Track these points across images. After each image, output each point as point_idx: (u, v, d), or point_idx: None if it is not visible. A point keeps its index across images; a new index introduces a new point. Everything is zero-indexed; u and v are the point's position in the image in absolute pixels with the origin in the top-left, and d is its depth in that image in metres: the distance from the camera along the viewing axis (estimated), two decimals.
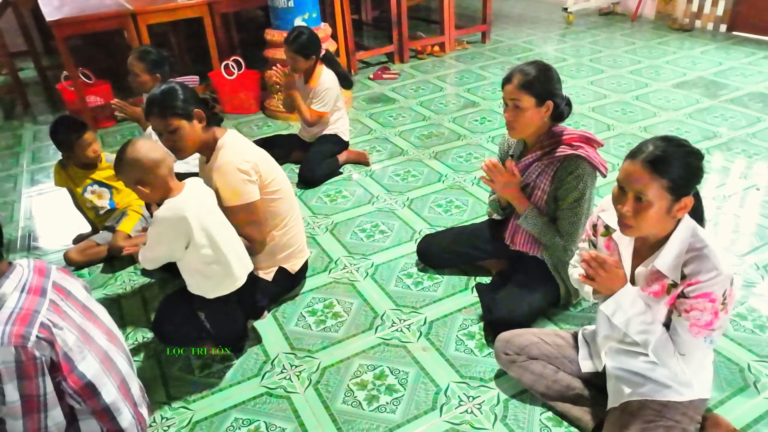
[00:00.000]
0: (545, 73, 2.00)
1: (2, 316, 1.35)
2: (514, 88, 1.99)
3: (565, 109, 2.06)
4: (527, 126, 2.03)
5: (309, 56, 3.25)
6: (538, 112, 2.00)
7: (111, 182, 2.78)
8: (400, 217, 2.94)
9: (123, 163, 1.78)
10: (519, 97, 1.98)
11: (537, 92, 1.97)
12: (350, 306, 2.34)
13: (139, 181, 1.79)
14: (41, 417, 1.41)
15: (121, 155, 1.78)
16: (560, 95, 2.03)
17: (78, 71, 4.19)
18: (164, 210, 1.79)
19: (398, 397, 1.91)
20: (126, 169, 1.78)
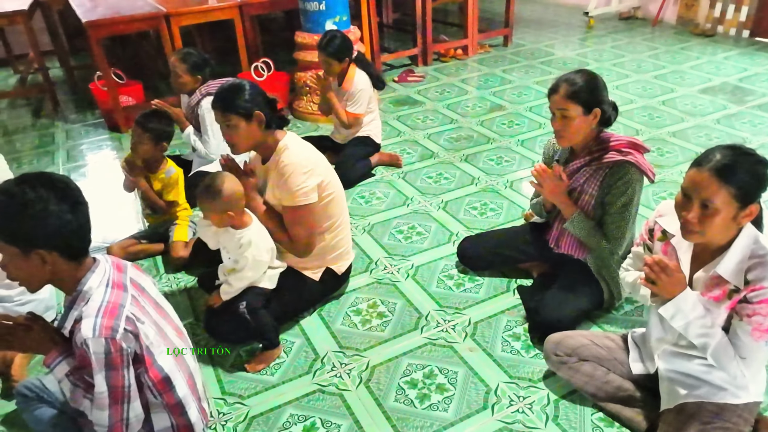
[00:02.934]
0: (591, 81, 2.04)
1: (92, 309, 1.40)
2: (561, 98, 2.03)
3: (612, 114, 2.10)
4: (576, 134, 2.07)
5: (342, 59, 3.30)
6: (586, 120, 2.04)
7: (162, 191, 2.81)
8: (436, 219, 2.98)
9: (218, 195, 1.98)
10: (566, 106, 2.02)
11: (584, 101, 2.01)
12: (394, 306, 2.39)
13: (227, 210, 1.99)
14: (124, 408, 1.45)
15: (217, 188, 1.98)
16: (607, 102, 2.07)
17: (110, 71, 4.25)
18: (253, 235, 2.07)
19: (449, 396, 1.95)
20: (219, 199, 1.99)
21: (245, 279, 2.06)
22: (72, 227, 1.42)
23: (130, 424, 1.49)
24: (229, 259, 2.09)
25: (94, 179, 3.77)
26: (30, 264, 1.41)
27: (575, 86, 2.02)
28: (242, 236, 2.03)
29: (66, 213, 1.40)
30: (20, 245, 1.38)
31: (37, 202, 1.37)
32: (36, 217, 1.36)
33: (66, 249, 1.43)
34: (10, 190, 1.38)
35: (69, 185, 1.46)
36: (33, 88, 5.43)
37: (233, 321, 2.12)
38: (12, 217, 1.36)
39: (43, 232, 1.38)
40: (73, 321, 1.45)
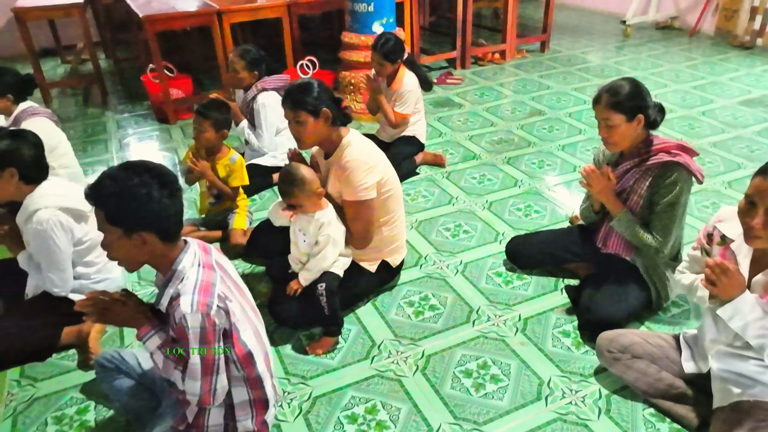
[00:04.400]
0: (632, 89, 2.12)
1: (188, 287, 1.52)
2: (603, 108, 2.13)
3: (658, 116, 2.17)
4: (622, 141, 2.16)
5: (395, 61, 3.40)
6: (630, 126, 2.12)
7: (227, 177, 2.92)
8: (482, 219, 3.07)
9: (305, 182, 2.13)
10: (609, 116, 2.12)
11: (626, 109, 2.10)
12: (445, 299, 2.48)
13: (314, 192, 2.12)
14: (213, 379, 1.56)
15: (302, 176, 2.13)
16: (649, 106, 2.13)
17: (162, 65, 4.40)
18: (332, 216, 2.23)
19: (503, 386, 2.03)
20: (307, 185, 2.13)
21: (325, 259, 2.18)
22: (170, 211, 1.54)
23: (216, 395, 1.60)
24: (304, 242, 2.19)
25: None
26: (131, 245, 1.52)
27: (617, 96, 2.10)
28: (321, 216, 2.15)
29: (165, 198, 1.51)
30: (124, 227, 1.49)
31: (141, 187, 1.48)
32: (140, 201, 1.47)
33: (164, 231, 1.54)
34: (117, 176, 1.50)
35: (168, 173, 1.57)
36: (83, 77, 5.61)
37: (301, 305, 2.24)
38: (118, 200, 1.48)
39: (145, 215, 1.49)
40: (169, 298, 1.56)
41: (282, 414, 1.95)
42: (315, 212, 2.20)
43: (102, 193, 1.48)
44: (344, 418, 1.93)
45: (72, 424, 1.96)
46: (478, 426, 1.88)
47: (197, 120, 2.81)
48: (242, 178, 2.89)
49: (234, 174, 2.87)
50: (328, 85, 2.33)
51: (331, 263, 2.23)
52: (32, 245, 2.16)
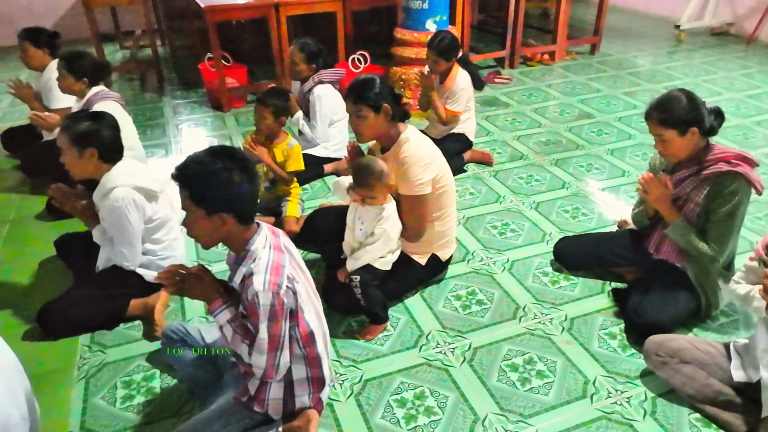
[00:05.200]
0: (682, 103, 2.12)
1: (261, 267, 1.62)
2: (653, 125, 2.17)
3: (714, 122, 2.16)
4: (678, 153, 2.19)
5: (450, 59, 3.45)
6: (684, 140, 2.14)
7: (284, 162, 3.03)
8: (529, 219, 3.10)
9: (383, 174, 2.18)
10: (660, 132, 2.15)
11: (677, 124, 2.12)
12: (492, 295, 2.53)
13: (386, 187, 2.19)
14: (278, 355, 1.66)
15: (380, 168, 2.18)
16: (702, 118, 2.13)
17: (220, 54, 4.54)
18: (392, 212, 2.29)
19: (549, 382, 2.08)
20: (384, 177, 2.18)
21: (374, 252, 2.25)
22: (248, 195, 1.64)
23: (279, 370, 1.70)
24: (360, 230, 2.28)
25: None
26: (211, 224, 1.62)
27: (666, 112, 2.12)
28: (383, 209, 2.22)
29: (245, 182, 1.61)
30: (206, 207, 1.60)
31: (225, 172, 1.58)
32: (223, 183, 1.58)
33: (241, 213, 1.64)
34: (203, 160, 1.60)
35: (247, 159, 1.67)
36: (141, 63, 5.82)
37: (348, 293, 2.32)
38: (204, 182, 1.58)
39: (226, 197, 1.59)
40: (241, 276, 1.66)
41: (335, 394, 2.04)
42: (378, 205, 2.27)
43: (188, 175, 1.59)
44: (394, 401, 2.01)
45: (139, 389, 2.09)
46: (523, 418, 1.94)
47: (258, 107, 2.92)
48: (298, 163, 2.99)
49: (291, 159, 2.97)
50: None
51: (377, 257, 2.30)
52: (107, 221, 2.30)
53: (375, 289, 2.30)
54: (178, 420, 1.95)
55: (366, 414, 1.97)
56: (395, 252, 2.36)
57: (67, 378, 2.13)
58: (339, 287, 2.35)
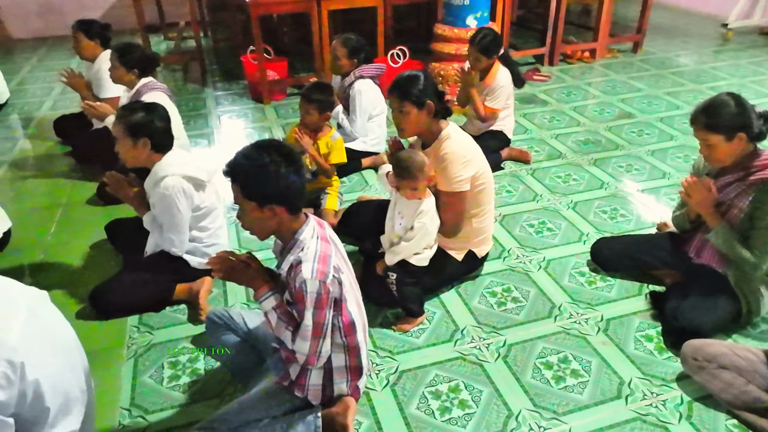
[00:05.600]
0: (730, 107, 2.09)
1: (309, 256, 1.67)
2: (699, 129, 2.14)
3: (764, 128, 2.12)
4: (725, 158, 2.16)
5: (491, 56, 3.45)
6: (731, 145, 2.11)
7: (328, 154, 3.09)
8: (566, 218, 3.10)
9: (423, 166, 2.20)
10: (706, 137, 2.12)
11: (724, 129, 2.08)
12: (527, 293, 2.55)
13: (426, 179, 2.21)
14: (320, 342, 1.72)
15: (421, 161, 2.21)
16: (750, 123, 2.09)
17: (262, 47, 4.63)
18: (431, 206, 2.31)
19: (583, 381, 2.10)
20: (425, 170, 2.21)
21: (412, 246, 2.29)
22: (296, 186, 1.69)
23: (320, 357, 1.76)
24: (400, 224, 2.32)
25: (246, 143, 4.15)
26: (263, 216, 1.69)
27: (713, 117, 2.10)
28: (423, 204, 2.26)
29: (292, 174, 1.67)
30: (257, 200, 1.66)
31: (272, 165, 1.64)
32: (272, 177, 1.64)
33: (290, 204, 1.70)
34: (252, 155, 1.66)
35: (293, 151, 1.73)
36: (185, 54, 5.96)
37: (384, 286, 2.37)
38: (253, 177, 1.64)
39: (276, 189, 1.65)
40: (289, 264, 1.72)
41: (371, 383, 2.10)
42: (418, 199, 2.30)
43: (238, 171, 1.66)
44: (429, 393, 2.06)
45: (185, 370, 2.18)
46: (557, 416, 1.96)
47: (303, 103, 2.98)
48: (341, 155, 3.05)
49: (334, 151, 3.03)
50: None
51: (415, 251, 2.33)
52: (157, 208, 2.40)
53: (410, 286, 2.34)
54: (221, 401, 2.04)
55: (401, 404, 2.02)
56: (432, 248, 2.40)
57: (117, 356, 2.24)
58: (376, 280, 2.40)
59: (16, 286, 1.62)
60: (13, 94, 5.05)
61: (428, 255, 2.37)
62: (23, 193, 3.50)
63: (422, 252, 2.36)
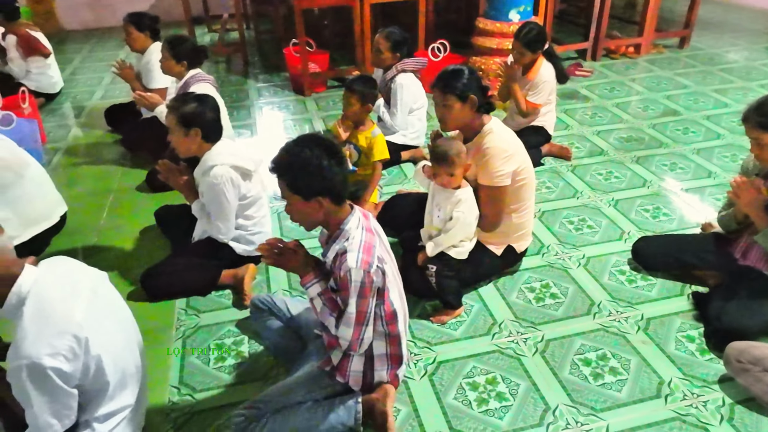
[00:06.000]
0: None
1: (354, 245, 1.72)
2: (751, 128, 2.11)
3: None
4: None
5: (536, 51, 3.43)
6: None
7: (363, 151, 3.14)
8: (607, 216, 3.07)
9: (460, 153, 2.24)
10: (758, 136, 2.10)
11: None
12: (566, 290, 2.55)
13: (463, 165, 2.25)
14: (363, 329, 1.77)
15: (459, 148, 2.25)
16: None
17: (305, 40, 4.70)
18: (469, 196, 2.33)
19: (621, 379, 2.09)
20: (462, 158, 2.25)
21: (453, 237, 2.32)
22: (339, 178, 1.74)
23: (362, 344, 1.81)
24: (438, 217, 2.35)
25: (287, 134, 4.24)
26: (309, 208, 1.74)
27: (765, 116, 2.06)
28: (460, 194, 2.29)
29: (335, 167, 1.71)
30: (303, 194, 1.71)
31: (314, 159, 1.68)
32: (315, 170, 1.68)
33: (335, 195, 1.75)
34: (294, 151, 1.71)
35: (333, 144, 1.77)
36: (228, 46, 6.09)
37: (423, 278, 2.41)
38: (297, 171, 1.69)
39: (319, 182, 1.70)
40: (335, 253, 1.77)
41: (409, 372, 2.14)
42: (455, 189, 2.33)
43: (283, 166, 1.71)
44: (466, 384, 2.09)
45: (230, 352, 2.27)
46: (594, 412, 1.97)
47: (346, 94, 3.03)
48: (383, 152, 3.09)
49: (376, 148, 3.07)
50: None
51: (456, 241, 2.36)
52: (206, 196, 2.48)
53: (449, 279, 2.37)
54: (264, 383, 2.11)
55: (439, 393, 2.06)
56: (472, 240, 2.42)
57: (166, 337, 2.34)
58: (415, 272, 2.43)
59: (80, 267, 1.72)
60: (65, 84, 5.25)
61: (467, 248, 2.40)
62: (77, 179, 3.66)
63: (461, 245, 2.38)
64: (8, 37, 4.59)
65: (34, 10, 7.04)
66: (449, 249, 2.37)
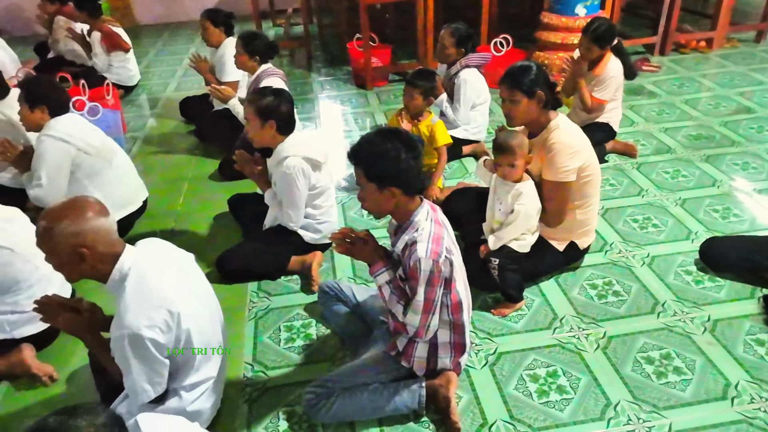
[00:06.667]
0: None
1: (424, 236, 1.80)
2: None
3: None
4: None
5: (604, 46, 3.39)
6: None
7: (426, 140, 3.20)
8: (673, 215, 3.02)
9: (523, 143, 2.31)
10: None
11: None
12: (630, 288, 2.54)
13: (524, 156, 2.31)
14: (429, 317, 1.85)
15: (521, 137, 2.31)
16: None
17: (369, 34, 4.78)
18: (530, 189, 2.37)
19: (686, 378, 2.08)
20: (523, 146, 2.31)
21: (515, 230, 2.35)
22: (415, 171, 1.81)
23: (428, 331, 1.89)
24: (500, 210, 2.40)
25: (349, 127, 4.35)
26: (383, 197, 1.82)
27: None
28: (521, 187, 2.33)
29: (411, 159, 1.79)
30: (378, 182, 1.80)
31: (393, 151, 1.76)
32: (393, 161, 1.76)
33: (408, 187, 1.82)
34: (375, 141, 1.80)
35: (412, 138, 1.85)
36: (293, 40, 6.26)
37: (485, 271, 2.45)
38: (375, 160, 1.78)
39: (396, 173, 1.78)
40: (404, 243, 1.85)
41: (470, 361, 2.20)
42: (516, 183, 2.36)
43: (362, 155, 1.80)
44: (527, 376, 2.13)
45: (299, 334, 2.40)
46: (657, 410, 1.97)
47: (408, 89, 3.10)
48: (445, 136, 3.14)
49: (437, 134, 3.12)
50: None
51: (518, 234, 2.39)
52: (278, 185, 2.61)
53: (512, 272, 2.41)
54: (332, 364, 2.23)
55: (500, 383, 2.11)
56: (534, 234, 2.45)
57: (240, 317, 2.50)
58: (477, 264, 2.48)
59: (170, 248, 1.88)
60: (141, 76, 5.55)
61: (530, 241, 2.43)
62: (154, 167, 3.89)
63: (523, 238, 2.42)
64: (93, 33, 4.90)
65: (113, 5, 7.45)
66: (511, 242, 2.41)
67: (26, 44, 6.34)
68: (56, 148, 2.74)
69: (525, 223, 2.38)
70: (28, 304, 2.20)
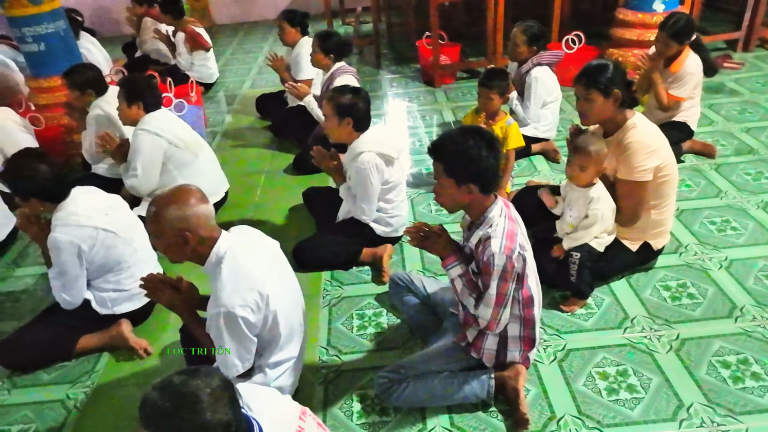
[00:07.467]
0: None
1: (498, 232, 1.85)
2: None
3: None
4: None
5: (682, 42, 3.30)
6: None
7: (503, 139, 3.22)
8: (754, 218, 2.92)
9: (601, 151, 2.30)
10: None
11: None
12: (705, 291, 2.49)
13: (598, 163, 2.31)
14: (501, 311, 1.90)
15: (600, 144, 2.32)
16: None
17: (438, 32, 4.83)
18: (602, 192, 2.37)
19: (765, 385, 2.03)
20: (600, 154, 2.31)
21: (590, 234, 2.37)
22: (493, 170, 1.86)
23: (499, 324, 1.94)
24: (570, 216, 2.41)
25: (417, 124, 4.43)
26: (459, 193, 1.88)
27: None
28: (592, 192, 2.34)
29: (490, 158, 1.84)
30: (456, 178, 1.86)
31: (473, 149, 1.82)
32: (473, 158, 1.82)
33: (485, 184, 1.87)
34: (457, 137, 1.86)
35: (494, 137, 1.89)
36: (363, 38, 6.40)
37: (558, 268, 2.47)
38: (456, 156, 1.84)
39: (476, 170, 1.83)
40: (478, 238, 1.91)
41: (539, 356, 2.24)
42: (586, 188, 2.37)
43: (443, 150, 1.87)
44: (596, 373, 2.15)
45: (370, 322, 2.50)
46: (733, 414, 1.94)
47: (484, 91, 3.11)
48: (518, 139, 3.13)
49: (510, 137, 3.14)
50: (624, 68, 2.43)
51: (593, 237, 2.40)
52: (353, 180, 2.73)
53: (588, 269, 2.42)
54: (402, 352, 2.32)
55: (568, 379, 2.14)
56: (611, 234, 2.45)
57: (315, 303, 2.63)
58: (546, 261, 2.50)
59: (260, 235, 2.02)
60: (219, 74, 5.84)
61: (607, 241, 2.44)
62: (233, 160, 4.11)
63: (601, 236, 2.42)
64: (178, 34, 5.21)
65: (193, 6, 7.85)
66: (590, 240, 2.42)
67: (114, 44, 6.79)
68: (151, 142, 2.97)
69: (601, 226, 2.38)
70: (127, 283, 2.44)
